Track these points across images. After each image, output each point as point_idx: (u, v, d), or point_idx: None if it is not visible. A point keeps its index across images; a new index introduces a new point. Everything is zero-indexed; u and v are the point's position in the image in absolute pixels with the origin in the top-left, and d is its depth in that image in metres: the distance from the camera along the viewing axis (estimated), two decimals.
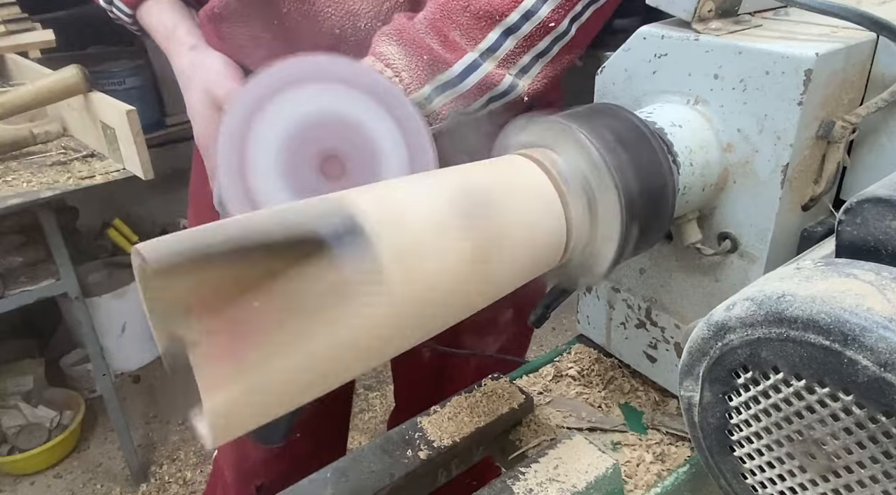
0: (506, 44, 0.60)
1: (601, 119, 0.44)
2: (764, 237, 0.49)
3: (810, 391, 0.31)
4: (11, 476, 1.86)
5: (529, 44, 0.61)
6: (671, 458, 0.57)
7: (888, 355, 0.28)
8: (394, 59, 0.60)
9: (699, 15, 0.49)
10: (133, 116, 1.23)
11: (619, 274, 0.61)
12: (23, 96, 1.31)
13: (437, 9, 0.60)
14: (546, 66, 0.63)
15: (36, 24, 1.79)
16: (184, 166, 1.01)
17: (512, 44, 0.60)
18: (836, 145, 0.48)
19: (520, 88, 0.63)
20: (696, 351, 0.36)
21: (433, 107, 0.61)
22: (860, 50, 0.47)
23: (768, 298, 0.32)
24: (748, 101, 0.47)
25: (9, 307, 1.44)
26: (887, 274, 0.31)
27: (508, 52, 0.61)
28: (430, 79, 0.60)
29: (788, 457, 0.35)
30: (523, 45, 0.61)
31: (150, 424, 2.06)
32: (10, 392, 1.90)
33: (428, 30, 0.60)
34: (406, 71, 0.60)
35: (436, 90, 0.61)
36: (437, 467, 0.57)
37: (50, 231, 1.41)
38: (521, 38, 0.60)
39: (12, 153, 1.39)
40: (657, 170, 0.44)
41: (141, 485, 1.82)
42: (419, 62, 0.59)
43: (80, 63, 1.32)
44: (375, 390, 2.15)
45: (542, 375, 0.67)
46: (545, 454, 0.52)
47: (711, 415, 0.37)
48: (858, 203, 0.35)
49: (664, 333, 0.59)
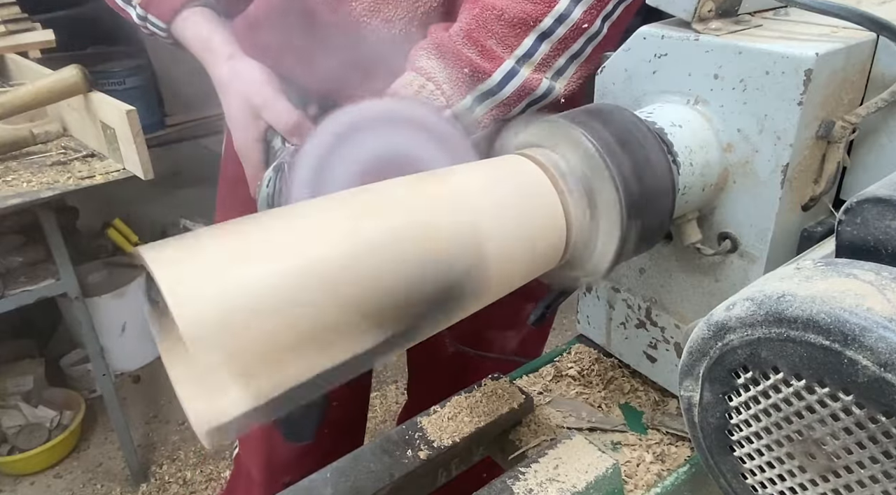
0: (541, 48, 0.61)
1: (601, 119, 0.44)
2: (764, 237, 0.49)
3: (810, 391, 0.31)
4: (11, 476, 1.86)
5: (564, 46, 0.62)
6: (671, 458, 0.57)
7: (888, 355, 0.28)
8: (434, 73, 0.61)
9: (699, 15, 0.49)
10: (133, 116, 1.23)
11: (619, 274, 0.61)
12: (23, 96, 1.31)
13: (472, 19, 0.61)
14: (580, 66, 0.64)
15: (36, 24, 1.79)
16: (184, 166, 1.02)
17: (547, 48, 0.61)
18: (836, 145, 0.48)
19: (556, 91, 0.64)
20: (696, 351, 0.36)
21: (475, 116, 0.62)
22: (860, 50, 0.47)
23: (768, 298, 0.32)
24: (748, 101, 0.47)
25: (9, 307, 1.44)
26: (887, 274, 0.31)
27: (544, 56, 0.61)
28: (471, 89, 0.61)
29: (788, 457, 0.35)
30: (558, 48, 0.62)
31: (150, 424, 2.06)
32: (10, 392, 1.90)
33: (465, 41, 0.61)
34: (447, 83, 0.61)
35: (477, 100, 0.62)
36: (437, 467, 0.57)
37: (50, 231, 1.41)
38: (556, 42, 0.61)
39: (12, 153, 1.39)
40: (657, 170, 0.44)
41: (141, 485, 1.82)
42: (459, 74, 0.61)
43: (80, 63, 1.32)
44: (375, 390, 2.15)
45: (542, 375, 0.67)
46: (545, 454, 0.52)
47: (711, 415, 0.37)
48: (858, 203, 0.35)
49: (664, 333, 0.59)
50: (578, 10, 0.60)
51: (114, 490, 1.82)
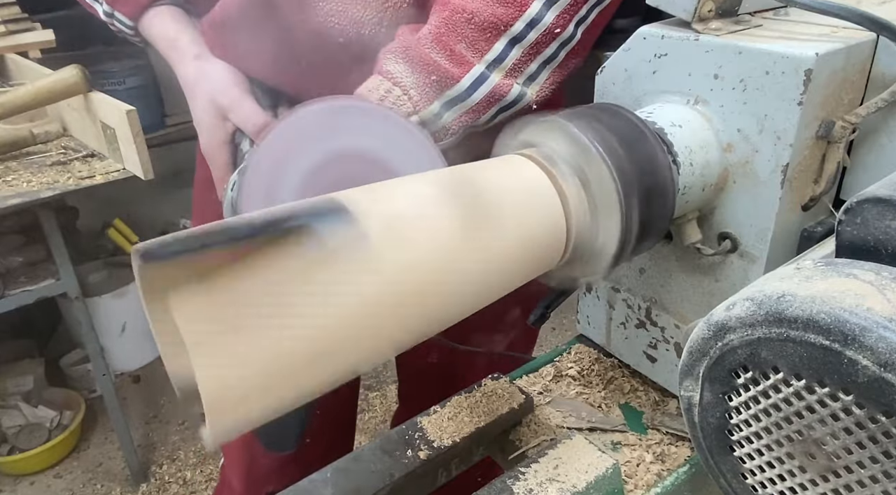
0: (512, 53, 0.59)
1: (601, 119, 0.44)
2: (764, 237, 0.49)
3: (810, 391, 0.31)
4: (11, 476, 1.86)
5: (536, 51, 0.60)
6: (671, 458, 0.57)
7: (888, 355, 0.28)
8: (401, 78, 0.59)
9: (699, 15, 0.49)
10: (133, 116, 1.23)
11: (619, 274, 0.61)
12: (23, 96, 1.31)
13: (442, 22, 0.59)
14: (553, 71, 0.62)
15: (36, 24, 1.79)
16: (184, 166, 1.02)
17: (518, 53, 0.59)
18: (836, 145, 0.48)
19: (528, 97, 0.62)
20: (696, 351, 0.36)
21: (443, 122, 0.60)
22: (860, 50, 0.47)
23: (768, 298, 0.32)
24: (748, 101, 0.47)
25: (9, 307, 1.44)
26: (887, 274, 0.31)
27: (515, 61, 0.60)
28: (439, 95, 0.59)
29: (788, 457, 0.35)
30: (530, 53, 0.60)
31: (150, 424, 2.06)
32: (10, 392, 1.90)
33: (433, 44, 0.59)
34: (414, 88, 0.59)
35: (445, 105, 0.60)
36: (437, 467, 0.57)
37: (50, 231, 1.42)
38: (528, 47, 0.59)
39: (12, 153, 1.40)
40: (657, 169, 0.44)
41: (141, 485, 1.82)
42: (427, 79, 0.59)
43: (80, 63, 1.32)
44: (375, 390, 2.15)
45: (542, 375, 0.67)
46: (545, 454, 0.52)
47: (711, 415, 0.37)
48: (858, 203, 0.35)
49: (664, 333, 0.59)
50: (551, 15, 0.58)
51: (114, 490, 1.83)
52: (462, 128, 0.61)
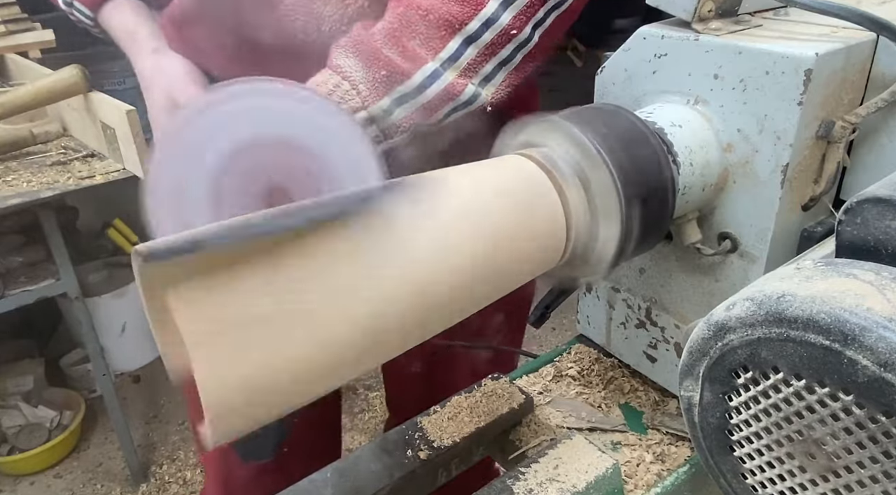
0: (467, 52, 0.58)
1: (601, 119, 0.44)
2: (764, 237, 0.49)
3: (810, 391, 0.31)
4: (11, 476, 1.86)
5: (492, 52, 0.59)
6: (671, 458, 0.57)
7: (888, 355, 0.28)
8: (351, 72, 0.58)
9: (699, 15, 0.49)
10: (133, 116, 1.23)
11: (619, 274, 0.61)
12: (23, 96, 1.31)
13: (396, 18, 0.58)
14: (510, 74, 0.61)
15: (36, 24, 1.79)
16: None
17: (473, 52, 0.59)
18: (836, 145, 0.48)
19: (483, 97, 0.61)
20: (696, 351, 0.36)
21: (393, 119, 0.59)
22: (860, 50, 0.47)
23: (768, 298, 0.32)
24: (748, 101, 0.47)
25: (9, 307, 1.44)
26: (887, 274, 0.31)
27: (470, 60, 0.59)
28: (389, 90, 0.58)
29: (788, 457, 0.35)
30: (485, 53, 0.59)
31: (150, 424, 2.06)
32: (10, 392, 1.90)
33: (386, 40, 0.58)
34: (363, 83, 0.58)
35: (395, 102, 0.58)
36: (437, 467, 0.57)
37: (50, 231, 1.41)
38: (483, 47, 0.59)
39: (12, 153, 1.40)
40: (657, 169, 0.45)
41: (141, 485, 1.82)
42: (377, 74, 0.58)
43: (80, 63, 1.32)
44: (375, 390, 2.15)
45: (542, 375, 0.67)
46: (545, 454, 0.52)
47: (711, 415, 0.37)
48: (858, 203, 0.35)
49: (664, 333, 0.59)
50: (507, 16, 0.58)
51: (114, 490, 1.82)
52: (413, 126, 0.60)
